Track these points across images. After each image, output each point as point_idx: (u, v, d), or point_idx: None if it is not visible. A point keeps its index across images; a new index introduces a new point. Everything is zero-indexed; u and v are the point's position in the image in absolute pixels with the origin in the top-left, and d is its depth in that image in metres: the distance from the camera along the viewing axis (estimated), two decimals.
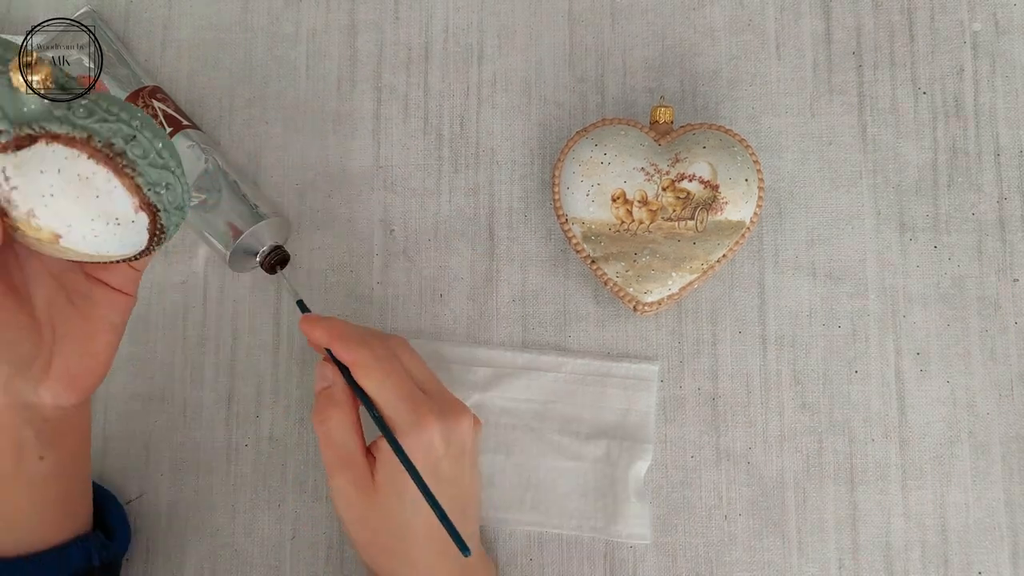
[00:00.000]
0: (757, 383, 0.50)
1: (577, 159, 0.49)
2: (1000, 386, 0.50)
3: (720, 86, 0.53)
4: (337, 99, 0.54)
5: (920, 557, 0.48)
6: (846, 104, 0.52)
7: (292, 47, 0.55)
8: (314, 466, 0.51)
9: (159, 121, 0.51)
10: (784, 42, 0.53)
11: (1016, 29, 0.53)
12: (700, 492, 0.50)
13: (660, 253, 0.47)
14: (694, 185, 0.48)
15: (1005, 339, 0.50)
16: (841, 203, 0.52)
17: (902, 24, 0.53)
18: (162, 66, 0.55)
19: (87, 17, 0.54)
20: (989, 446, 0.49)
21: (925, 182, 0.52)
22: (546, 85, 0.54)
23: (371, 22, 0.55)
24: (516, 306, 0.52)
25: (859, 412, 0.50)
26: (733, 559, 0.49)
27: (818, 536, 0.49)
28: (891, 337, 0.50)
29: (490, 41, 0.54)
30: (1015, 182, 0.51)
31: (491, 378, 0.51)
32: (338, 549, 0.50)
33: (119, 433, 0.52)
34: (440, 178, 0.53)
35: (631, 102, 0.53)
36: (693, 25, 0.54)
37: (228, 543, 0.50)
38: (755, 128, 0.52)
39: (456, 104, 0.54)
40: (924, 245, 0.51)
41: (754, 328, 0.51)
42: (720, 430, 0.50)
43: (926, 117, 0.52)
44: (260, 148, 0.54)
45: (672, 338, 0.51)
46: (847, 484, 0.49)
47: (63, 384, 0.38)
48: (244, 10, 0.56)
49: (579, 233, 0.48)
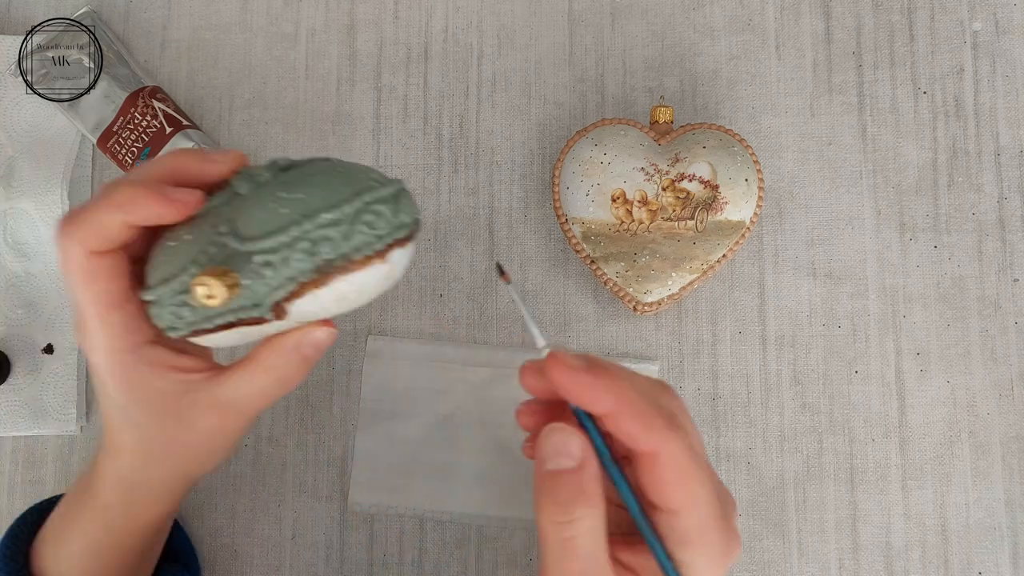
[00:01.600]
0: (757, 383, 0.50)
1: (577, 159, 0.49)
2: (1000, 386, 0.50)
3: (720, 86, 0.53)
4: (337, 99, 0.54)
5: (920, 557, 0.48)
6: (846, 104, 0.52)
7: (291, 47, 0.55)
8: (314, 466, 0.51)
9: (159, 121, 0.51)
10: (784, 42, 0.53)
11: (1016, 29, 0.53)
12: None
13: (660, 253, 0.47)
14: (694, 185, 0.47)
15: (1005, 339, 0.50)
16: (841, 203, 0.52)
17: (902, 24, 0.53)
18: (162, 66, 0.55)
19: (87, 17, 0.54)
20: (989, 446, 0.49)
21: (925, 182, 0.52)
22: (546, 85, 0.54)
23: (370, 22, 0.55)
24: (516, 306, 0.52)
25: (859, 412, 0.50)
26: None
27: (818, 536, 0.49)
28: (891, 337, 0.50)
29: (490, 41, 0.54)
30: (1015, 182, 0.51)
31: (491, 378, 0.51)
32: (338, 549, 0.50)
33: None
34: (440, 178, 0.53)
35: (631, 102, 0.53)
36: (693, 25, 0.54)
37: (228, 543, 0.50)
38: (755, 128, 0.52)
39: (456, 104, 0.54)
40: (924, 245, 0.51)
41: (754, 328, 0.51)
42: (720, 430, 0.50)
43: (926, 117, 0.52)
44: (260, 148, 0.54)
45: (672, 338, 0.51)
46: (847, 484, 0.49)
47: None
48: (243, 10, 0.56)
49: (579, 233, 0.48)
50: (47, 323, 0.52)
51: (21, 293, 0.52)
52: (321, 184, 0.33)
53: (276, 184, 0.34)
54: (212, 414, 0.37)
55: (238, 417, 0.37)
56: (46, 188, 0.51)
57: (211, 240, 0.33)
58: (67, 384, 0.51)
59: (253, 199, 0.34)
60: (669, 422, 0.30)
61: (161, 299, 0.34)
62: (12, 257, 0.52)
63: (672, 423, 0.30)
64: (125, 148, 0.51)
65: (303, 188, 0.33)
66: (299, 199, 0.33)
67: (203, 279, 0.32)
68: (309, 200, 0.32)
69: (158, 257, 0.35)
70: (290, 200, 0.33)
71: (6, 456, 0.52)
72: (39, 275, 0.52)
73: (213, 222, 0.34)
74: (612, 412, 0.30)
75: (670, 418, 0.30)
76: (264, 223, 0.33)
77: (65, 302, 0.52)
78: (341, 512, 0.50)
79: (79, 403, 0.51)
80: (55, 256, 0.52)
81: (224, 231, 0.33)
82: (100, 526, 0.39)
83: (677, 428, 0.30)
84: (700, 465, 0.30)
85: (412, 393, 0.50)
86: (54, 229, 0.36)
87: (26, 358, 0.52)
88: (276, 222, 0.32)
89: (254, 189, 0.34)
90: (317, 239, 0.32)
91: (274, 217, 0.32)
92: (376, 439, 0.50)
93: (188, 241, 0.34)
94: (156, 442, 0.37)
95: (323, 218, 0.32)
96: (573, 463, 0.30)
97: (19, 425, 0.51)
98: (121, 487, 0.39)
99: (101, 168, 0.54)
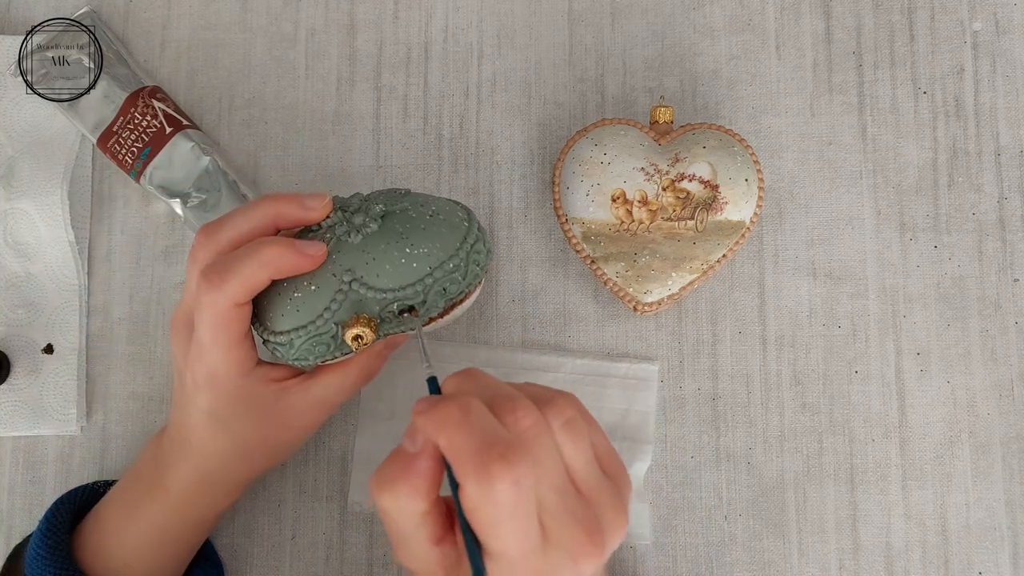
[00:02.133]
0: (757, 383, 0.50)
1: (577, 159, 0.49)
2: (1000, 386, 0.50)
3: (720, 86, 0.53)
4: (336, 99, 0.54)
5: (920, 557, 0.48)
6: (846, 104, 0.52)
7: (291, 47, 0.55)
8: (314, 466, 0.51)
9: (159, 121, 0.51)
10: (784, 42, 0.53)
11: (1016, 29, 0.53)
12: (700, 492, 0.50)
13: (660, 253, 0.47)
14: (694, 185, 0.47)
15: (1005, 339, 0.50)
16: (841, 203, 0.52)
17: (902, 24, 0.53)
18: (161, 66, 0.55)
19: (87, 17, 0.54)
20: (989, 446, 0.49)
21: (925, 182, 0.52)
22: (546, 85, 0.54)
23: (370, 22, 0.55)
24: (516, 306, 0.52)
25: (859, 412, 0.50)
26: (733, 559, 0.49)
27: (818, 536, 0.49)
28: (891, 337, 0.50)
29: (490, 41, 0.54)
30: (1015, 182, 0.51)
31: None
32: (338, 549, 0.50)
33: (119, 433, 0.52)
34: (440, 178, 0.53)
35: (631, 102, 0.53)
36: (693, 25, 0.54)
37: (228, 543, 0.50)
38: (755, 128, 0.52)
39: (456, 104, 0.54)
40: (924, 245, 0.51)
41: (754, 328, 0.51)
42: (720, 430, 0.50)
43: (926, 117, 0.52)
44: (259, 148, 0.54)
45: (672, 338, 0.51)
46: (847, 484, 0.49)
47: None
48: (243, 10, 0.56)
49: (579, 233, 0.48)
50: (47, 323, 0.52)
51: (21, 293, 0.52)
52: (434, 236, 0.40)
53: (389, 236, 0.40)
54: (306, 412, 0.43)
55: (325, 412, 0.44)
56: (46, 188, 0.51)
57: (337, 288, 0.39)
58: (67, 384, 0.51)
59: (372, 251, 0.40)
60: (484, 459, 0.30)
61: (292, 341, 0.40)
62: (12, 257, 0.52)
63: (501, 457, 0.30)
64: (125, 148, 0.51)
65: (420, 241, 0.40)
66: (424, 254, 0.40)
67: (358, 330, 0.39)
68: (432, 254, 0.40)
69: (285, 306, 0.40)
70: (416, 256, 0.40)
71: (6, 456, 0.52)
72: (39, 275, 0.52)
73: (332, 270, 0.40)
74: (442, 448, 0.31)
75: (500, 453, 0.30)
76: (397, 277, 0.40)
77: (65, 302, 0.52)
78: (341, 512, 0.50)
79: (79, 403, 0.51)
80: (55, 256, 0.52)
81: (347, 280, 0.39)
82: (173, 517, 0.43)
83: (499, 463, 0.29)
84: (511, 503, 0.30)
85: (412, 393, 0.50)
86: (192, 272, 0.40)
87: (26, 358, 0.52)
88: (409, 276, 0.40)
89: (364, 239, 0.40)
90: (446, 284, 0.40)
91: (407, 272, 0.40)
92: (376, 439, 0.50)
93: (315, 292, 0.40)
94: (251, 443, 0.43)
95: (447, 267, 0.40)
96: (413, 449, 0.32)
97: (19, 425, 0.51)
98: (203, 483, 0.43)
99: (101, 168, 0.54)
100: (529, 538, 0.30)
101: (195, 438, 0.43)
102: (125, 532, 0.43)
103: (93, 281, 0.53)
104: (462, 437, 0.30)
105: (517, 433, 0.31)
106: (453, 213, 0.42)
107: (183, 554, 0.45)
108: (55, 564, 0.41)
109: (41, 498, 0.51)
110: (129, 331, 0.52)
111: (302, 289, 0.40)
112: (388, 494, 0.32)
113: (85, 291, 0.53)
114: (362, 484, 0.50)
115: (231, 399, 0.41)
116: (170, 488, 0.43)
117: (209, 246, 0.40)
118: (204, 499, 0.44)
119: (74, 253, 0.52)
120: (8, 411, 0.51)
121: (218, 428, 0.42)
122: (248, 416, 0.42)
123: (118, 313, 0.53)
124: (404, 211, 0.41)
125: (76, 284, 0.52)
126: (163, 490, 0.43)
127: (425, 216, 0.41)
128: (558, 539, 0.31)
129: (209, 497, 0.44)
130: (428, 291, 0.40)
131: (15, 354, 0.52)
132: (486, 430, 0.31)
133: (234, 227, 0.40)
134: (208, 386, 0.41)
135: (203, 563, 0.48)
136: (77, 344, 0.52)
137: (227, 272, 0.38)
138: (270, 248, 0.38)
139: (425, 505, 0.32)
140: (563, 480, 0.32)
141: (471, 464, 0.30)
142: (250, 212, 0.40)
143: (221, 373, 0.40)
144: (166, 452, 0.44)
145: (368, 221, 0.40)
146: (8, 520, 0.51)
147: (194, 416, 0.42)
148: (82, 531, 0.44)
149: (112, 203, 0.54)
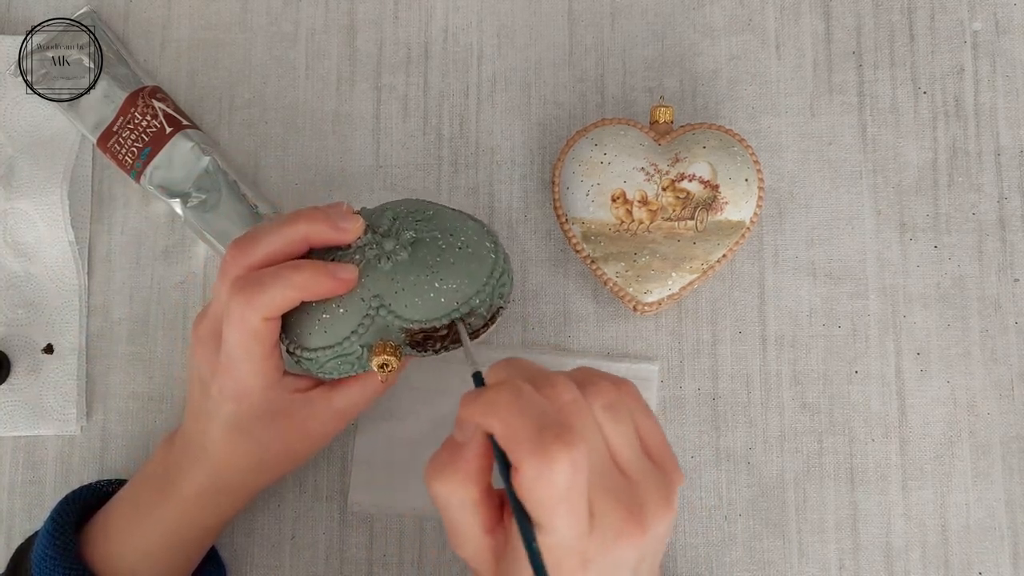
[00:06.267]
0: (757, 383, 0.50)
1: (577, 159, 0.49)
2: (1000, 386, 0.50)
3: (720, 86, 0.53)
4: (336, 99, 0.54)
5: (920, 558, 0.48)
6: (846, 104, 0.52)
7: (291, 47, 0.55)
8: (314, 466, 0.51)
9: (159, 121, 0.51)
10: (784, 42, 0.53)
11: (1016, 29, 0.53)
12: (700, 492, 0.50)
13: (660, 253, 0.47)
14: (694, 185, 0.47)
15: (1005, 339, 0.50)
16: (841, 203, 0.52)
17: (902, 24, 0.53)
18: (161, 66, 0.55)
19: (87, 17, 0.54)
20: (989, 446, 0.49)
21: (925, 182, 0.52)
22: (546, 85, 0.54)
23: (370, 22, 0.55)
24: (516, 306, 0.52)
25: (859, 412, 0.50)
26: (733, 559, 0.49)
27: (818, 536, 0.49)
28: (891, 337, 0.50)
29: (490, 41, 0.54)
30: (1015, 182, 0.51)
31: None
32: (338, 549, 0.50)
33: (119, 433, 0.52)
34: (440, 178, 0.53)
35: (631, 102, 0.53)
36: (693, 25, 0.54)
37: (228, 543, 0.50)
38: (755, 128, 0.52)
39: (456, 104, 0.54)
40: (924, 245, 0.51)
41: (754, 328, 0.51)
42: (720, 430, 0.50)
43: (926, 117, 0.52)
44: (259, 148, 0.54)
45: (672, 338, 0.51)
46: (847, 484, 0.49)
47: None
48: (243, 10, 0.56)
49: (579, 233, 0.48)
50: (47, 323, 0.52)
51: (21, 293, 0.52)
52: (463, 272, 0.41)
53: (419, 268, 0.41)
54: (327, 422, 0.44)
55: (344, 422, 0.45)
56: (46, 188, 0.51)
57: (365, 313, 0.41)
58: (67, 384, 0.51)
59: (402, 281, 0.41)
60: (541, 440, 0.30)
61: (318, 358, 0.42)
62: (12, 257, 0.52)
63: (558, 438, 0.30)
64: (125, 148, 0.51)
65: (449, 276, 0.41)
66: (452, 289, 0.41)
67: (384, 358, 0.40)
68: (460, 290, 0.41)
69: (314, 326, 0.41)
70: (445, 291, 0.41)
71: (6, 456, 0.52)
72: (39, 275, 0.52)
73: (361, 295, 0.41)
74: (495, 433, 0.31)
75: (556, 433, 0.30)
76: (424, 310, 0.41)
77: (65, 302, 0.52)
78: (341, 512, 0.50)
79: (79, 403, 0.51)
80: (55, 256, 0.52)
81: (375, 305, 0.41)
82: (186, 521, 0.44)
83: (556, 443, 0.30)
84: (567, 484, 0.30)
85: (412, 393, 0.50)
86: (220, 283, 0.41)
87: (26, 358, 0.52)
88: (436, 311, 0.41)
89: (394, 267, 0.41)
90: (472, 317, 0.41)
91: (434, 306, 0.41)
92: (376, 439, 0.50)
93: (343, 315, 0.41)
94: (270, 452, 0.44)
95: (473, 302, 0.41)
96: (463, 438, 0.33)
97: (19, 425, 0.51)
98: (216, 490, 0.44)
99: (101, 168, 0.54)
100: (581, 520, 0.31)
101: (213, 446, 0.43)
102: (133, 536, 0.44)
103: (93, 281, 0.53)
104: (518, 419, 0.30)
105: (557, 409, 0.31)
106: (481, 244, 0.42)
107: (191, 559, 0.46)
108: (64, 565, 0.42)
109: (41, 498, 0.51)
110: (129, 331, 0.52)
111: (331, 311, 0.41)
112: (439, 481, 0.33)
113: (85, 291, 0.53)
114: (362, 484, 0.50)
115: (257, 410, 0.42)
116: (182, 494, 0.43)
117: (242, 261, 0.40)
118: (216, 506, 0.44)
119: (74, 253, 0.52)
120: (8, 411, 0.51)
121: (239, 438, 0.43)
122: (271, 426, 0.43)
123: (118, 313, 0.53)
124: (434, 240, 0.41)
125: (76, 284, 0.52)
126: (175, 495, 0.44)
127: (455, 248, 0.41)
128: (601, 519, 0.31)
129: (221, 505, 0.45)
130: (452, 321, 0.41)
131: (15, 354, 0.52)
132: (540, 411, 0.31)
133: (267, 244, 0.40)
134: (236, 398, 0.42)
135: (208, 564, 0.48)
136: (77, 344, 0.52)
137: (260, 290, 0.39)
138: (304, 272, 0.39)
139: (476, 492, 0.33)
140: (605, 459, 0.32)
141: (528, 445, 0.30)
142: (284, 230, 0.40)
143: (250, 385, 0.41)
144: (179, 458, 0.44)
145: (398, 248, 0.41)
146: (8, 520, 0.51)
147: (215, 425, 0.43)
148: (89, 532, 0.44)
149: (112, 203, 0.54)
